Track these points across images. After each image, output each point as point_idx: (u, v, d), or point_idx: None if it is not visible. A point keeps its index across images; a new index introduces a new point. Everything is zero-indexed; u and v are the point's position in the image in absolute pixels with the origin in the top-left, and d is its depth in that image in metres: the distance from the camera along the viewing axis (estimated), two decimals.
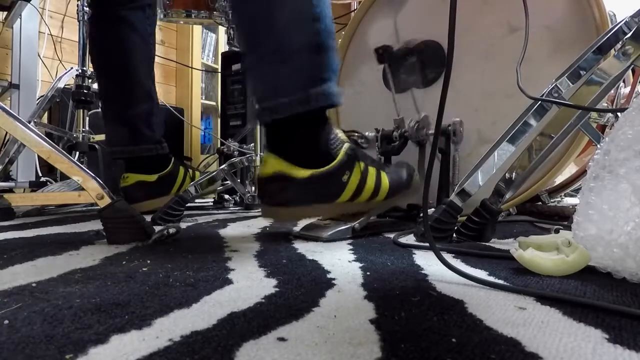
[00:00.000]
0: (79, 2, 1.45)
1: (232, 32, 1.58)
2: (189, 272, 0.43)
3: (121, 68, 1.07)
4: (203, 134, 2.72)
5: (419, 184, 0.82)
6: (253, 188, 1.18)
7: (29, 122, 1.17)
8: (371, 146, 1.02)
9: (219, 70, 2.67)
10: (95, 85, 1.47)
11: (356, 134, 0.72)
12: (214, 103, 2.80)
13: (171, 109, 1.91)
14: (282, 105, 0.62)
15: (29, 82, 1.64)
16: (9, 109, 0.60)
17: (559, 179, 1.16)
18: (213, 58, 2.83)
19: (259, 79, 0.65)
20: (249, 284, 0.40)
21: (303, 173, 0.62)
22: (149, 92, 1.11)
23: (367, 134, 1.06)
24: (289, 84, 0.62)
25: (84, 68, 1.44)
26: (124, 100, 1.08)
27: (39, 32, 1.76)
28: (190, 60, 2.61)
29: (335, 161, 0.64)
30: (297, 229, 0.75)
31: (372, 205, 0.72)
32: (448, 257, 0.52)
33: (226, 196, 1.44)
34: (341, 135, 0.68)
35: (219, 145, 1.56)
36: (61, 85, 1.41)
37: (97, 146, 1.50)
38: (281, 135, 0.65)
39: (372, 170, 0.70)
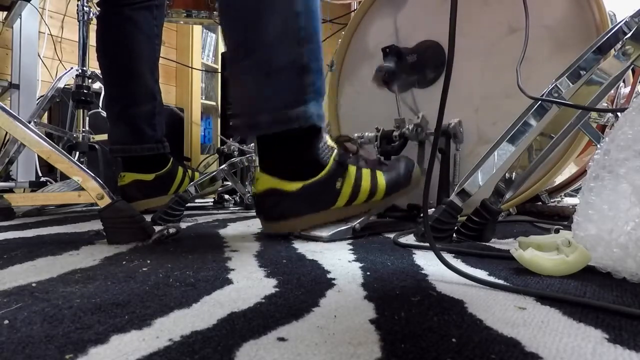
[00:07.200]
0: (79, 2, 1.45)
1: None
2: (189, 272, 0.43)
3: (125, 67, 1.07)
4: (203, 134, 2.72)
5: (420, 178, 0.81)
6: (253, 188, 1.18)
7: (29, 122, 1.17)
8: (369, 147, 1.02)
9: (219, 70, 2.68)
10: (95, 85, 1.47)
11: (349, 139, 0.72)
12: (214, 103, 2.80)
13: (176, 109, 1.91)
14: (261, 123, 0.62)
15: (29, 82, 1.64)
16: (9, 109, 0.60)
17: (559, 179, 1.16)
18: (213, 58, 2.83)
19: (240, 91, 0.65)
20: (249, 284, 0.40)
21: (294, 186, 0.63)
22: (152, 92, 1.11)
23: (366, 133, 1.06)
24: (269, 102, 0.62)
25: (84, 68, 1.44)
26: (127, 99, 1.08)
27: (39, 32, 1.76)
28: (190, 60, 2.61)
29: (325, 170, 0.65)
30: None
31: (370, 205, 0.72)
32: (448, 257, 0.52)
33: (226, 196, 1.44)
34: (330, 142, 0.67)
35: (219, 145, 1.56)
36: (61, 85, 1.41)
37: (97, 146, 1.50)
38: (267, 151, 0.65)
39: (365, 172, 0.70)
